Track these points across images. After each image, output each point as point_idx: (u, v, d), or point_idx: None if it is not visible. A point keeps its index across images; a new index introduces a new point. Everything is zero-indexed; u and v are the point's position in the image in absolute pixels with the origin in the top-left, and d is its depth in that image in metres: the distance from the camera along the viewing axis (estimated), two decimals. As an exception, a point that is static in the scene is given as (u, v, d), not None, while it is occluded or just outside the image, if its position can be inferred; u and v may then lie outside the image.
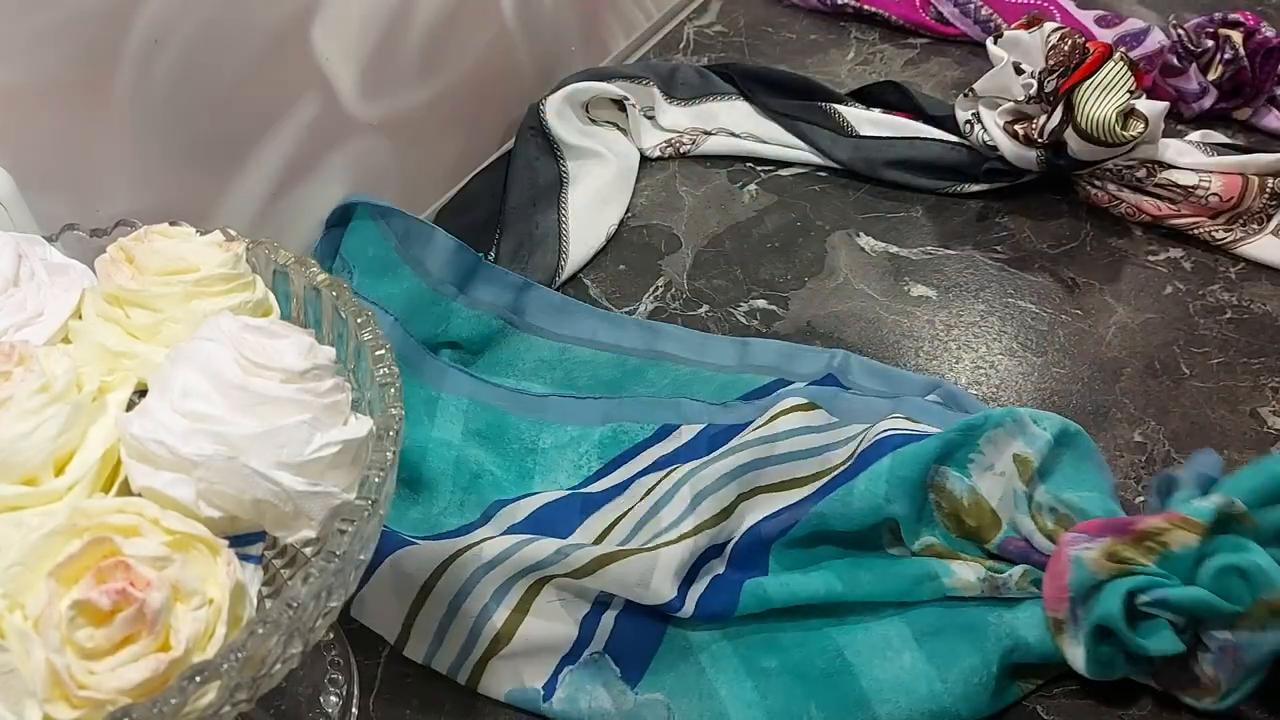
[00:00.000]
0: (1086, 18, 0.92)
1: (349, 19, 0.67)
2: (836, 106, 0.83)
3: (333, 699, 0.50)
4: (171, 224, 0.44)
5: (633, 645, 0.51)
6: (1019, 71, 0.77)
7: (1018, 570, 0.51)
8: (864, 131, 0.81)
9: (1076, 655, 0.48)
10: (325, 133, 0.69)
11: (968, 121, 0.78)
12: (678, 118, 0.86)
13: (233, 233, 0.45)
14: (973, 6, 0.94)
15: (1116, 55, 0.72)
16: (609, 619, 0.52)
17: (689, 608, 0.51)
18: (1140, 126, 0.71)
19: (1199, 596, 0.46)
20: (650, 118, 0.86)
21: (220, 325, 0.38)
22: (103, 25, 0.52)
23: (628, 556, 0.51)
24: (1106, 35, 0.88)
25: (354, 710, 0.51)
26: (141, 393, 0.39)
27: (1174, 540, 0.47)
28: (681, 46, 1.00)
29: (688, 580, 0.52)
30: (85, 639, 0.31)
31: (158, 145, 0.58)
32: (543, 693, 0.50)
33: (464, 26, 0.77)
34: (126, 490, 0.36)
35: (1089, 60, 0.71)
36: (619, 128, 0.85)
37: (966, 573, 0.51)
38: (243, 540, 0.36)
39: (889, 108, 0.84)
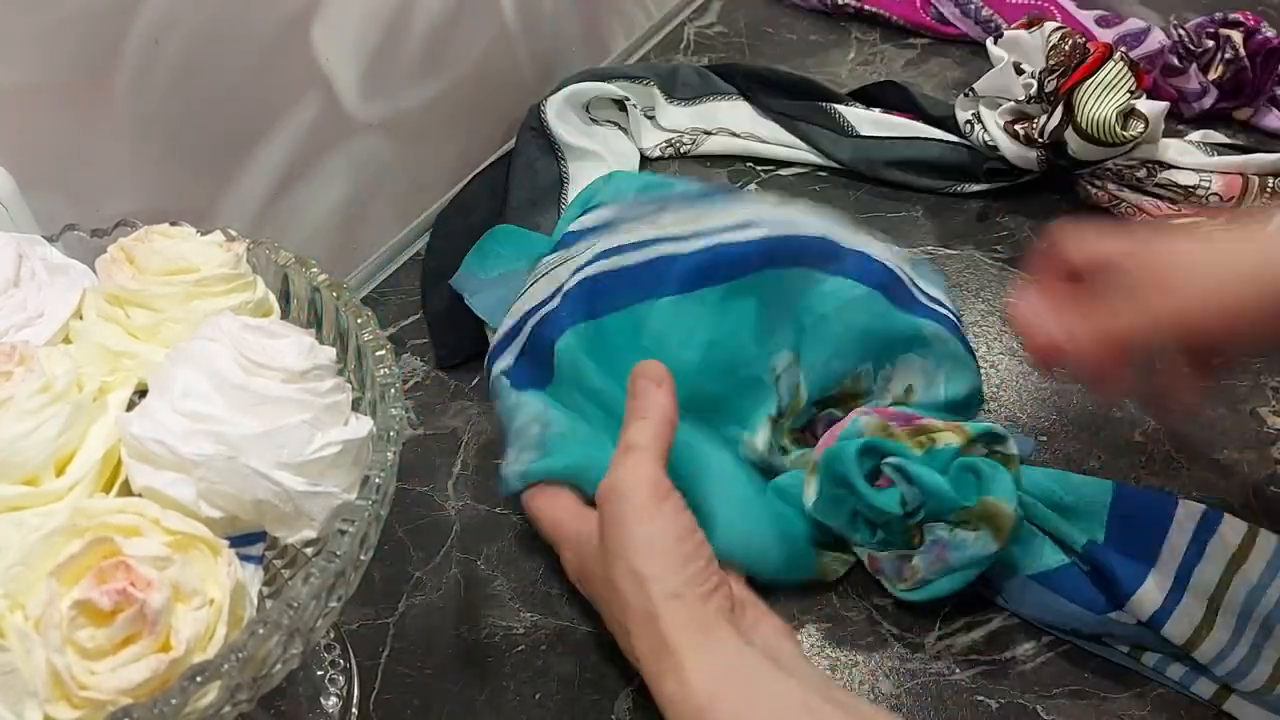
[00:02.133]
0: (1087, 18, 0.92)
1: (349, 19, 0.67)
2: (837, 107, 0.83)
3: (333, 699, 0.50)
4: (172, 224, 0.44)
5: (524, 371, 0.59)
6: (1019, 71, 0.77)
7: (799, 452, 0.56)
8: (864, 131, 0.81)
9: (810, 490, 0.53)
10: (325, 133, 0.69)
11: (968, 121, 0.78)
12: (678, 117, 0.86)
13: (233, 233, 0.45)
14: (973, 7, 0.94)
15: (1117, 55, 0.72)
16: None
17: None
18: (1140, 126, 0.71)
19: (934, 479, 0.50)
20: (650, 117, 0.86)
21: (220, 325, 0.38)
22: (103, 25, 0.52)
23: None
24: (1107, 35, 0.88)
25: (354, 710, 0.51)
26: (142, 393, 0.39)
27: (941, 439, 0.52)
28: (682, 47, 1.00)
29: None
30: (86, 639, 0.31)
31: (158, 145, 0.58)
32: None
33: (464, 26, 0.77)
34: (127, 490, 0.36)
35: (1089, 60, 0.72)
36: (620, 127, 0.85)
37: (758, 440, 0.56)
38: (243, 540, 0.36)
39: (889, 108, 0.84)
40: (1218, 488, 0.59)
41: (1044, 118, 0.73)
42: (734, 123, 0.85)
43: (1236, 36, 0.81)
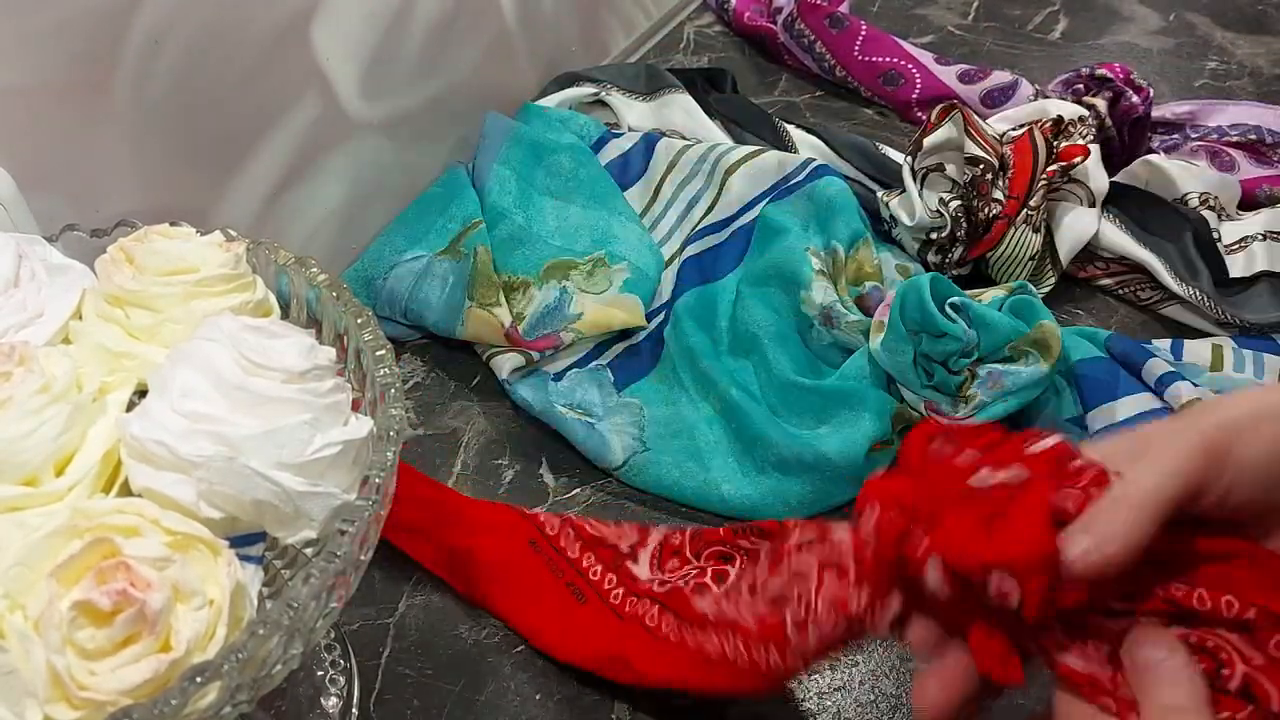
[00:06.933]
0: (948, 74, 0.87)
1: (349, 19, 0.67)
2: (787, 125, 0.82)
3: (333, 700, 0.50)
4: (172, 224, 0.44)
5: (628, 368, 0.67)
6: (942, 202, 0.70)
7: (858, 316, 0.63)
8: (804, 152, 0.78)
9: (878, 335, 0.60)
10: (325, 133, 0.69)
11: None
12: (642, 116, 0.85)
13: (233, 233, 0.45)
14: (827, 65, 0.92)
15: (1018, 219, 0.68)
16: (619, 348, 0.68)
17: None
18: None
19: (993, 313, 0.58)
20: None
21: (220, 325, 0.38)
22: (103, 25, 0.52)
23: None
24: (970, 91, 0.85)
25: (354, 711, 0.51)
26: (141, 393, 0.39)
27: (989, 294, 0.60)
28: (682, 46, 1.00)
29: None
30: (86, 640, 0.31)
31: (158, 145, 0.58)
32: (551, 376, 0.65)
33: (464, 26, 0.77)
34: (127, 491, 0.36)
35: (990, 235, 0.68)
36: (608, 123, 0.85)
37: (817, 294, 0.64)
38: (243, 541, 0.36)
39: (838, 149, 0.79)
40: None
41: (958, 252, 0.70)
42: (684, 126, 0.84)
43: (1101, 105, 0.75)
